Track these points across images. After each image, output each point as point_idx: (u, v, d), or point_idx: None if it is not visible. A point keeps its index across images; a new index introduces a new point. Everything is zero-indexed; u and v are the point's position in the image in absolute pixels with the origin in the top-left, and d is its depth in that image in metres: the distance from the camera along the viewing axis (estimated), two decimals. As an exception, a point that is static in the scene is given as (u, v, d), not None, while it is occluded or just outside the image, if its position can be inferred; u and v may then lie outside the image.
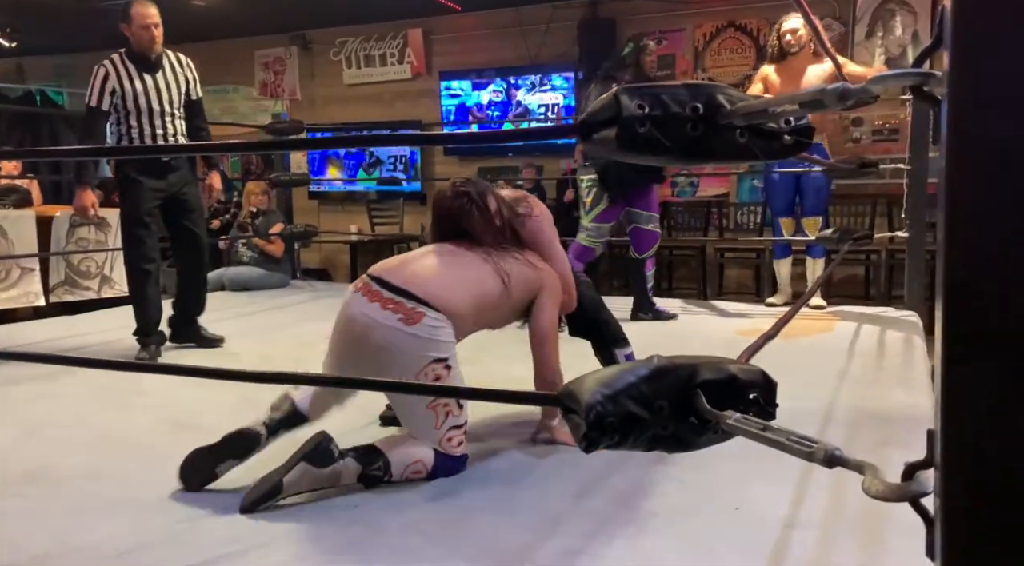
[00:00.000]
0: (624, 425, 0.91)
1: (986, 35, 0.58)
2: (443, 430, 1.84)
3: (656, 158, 0.94)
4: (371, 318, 1.81)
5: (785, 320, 1.73)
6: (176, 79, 3.39)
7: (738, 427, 0.86)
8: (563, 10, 6.64)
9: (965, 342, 0.60)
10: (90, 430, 2.32)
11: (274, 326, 4.04)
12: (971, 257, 0.58)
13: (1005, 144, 0.57)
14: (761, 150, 0.91)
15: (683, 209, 6.60)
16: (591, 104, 0.95)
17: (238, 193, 7.44)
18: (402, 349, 1.79)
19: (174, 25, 7.77)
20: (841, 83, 0.72)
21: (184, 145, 3.54)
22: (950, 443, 0.59)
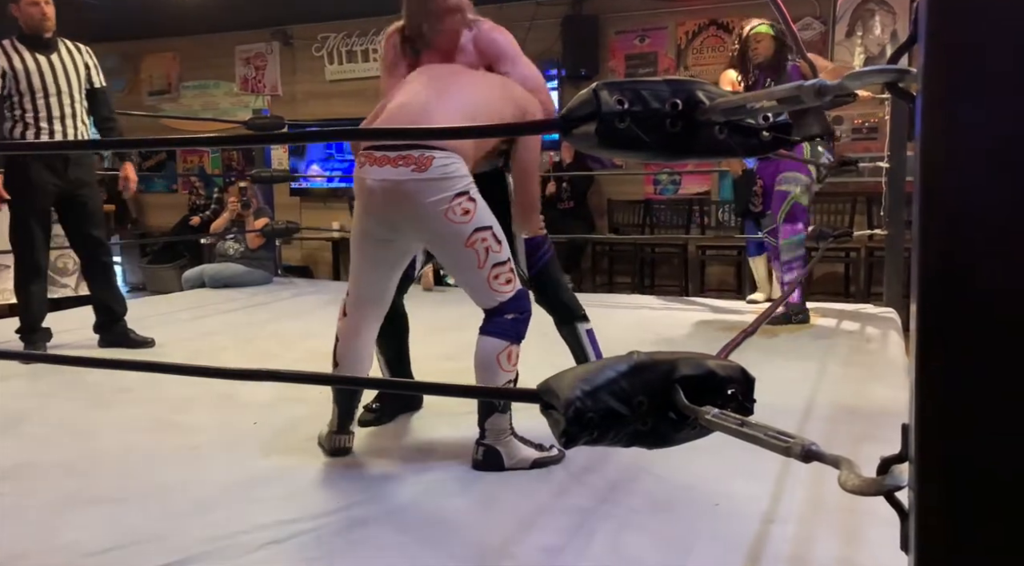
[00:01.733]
0: (603, 421, 0.91)
1: (960, 31, 0.58)
2: (487, 268, 1.87)
3: (636, 154, 0.94)
4: (386, 180, 1.83)
5: (764, 317, 1.74)
6: (74, 62, 3.23)
7: (716, 422, 0.86)
8: (546, 7, 6.64)
9: (938, 337, 0.60)
10: (70, 427, 2.29)
11: (255, 323, 4.01)
12: (944, 253, 0.58)
13: (978, 139, 0.58)
14: (740, 146, 0.92)
15: (665, 207, 6.63)
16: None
17: (219, 189, 7.39)
18: (425, 194, 1.81)
19: (155, 18, 7.72)
20: (818, 79, 0.73)
21: (160, 139, 3.48)
22: (924, 437, 0.60)
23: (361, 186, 1.88)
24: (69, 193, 3.18)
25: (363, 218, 1.92)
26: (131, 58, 8.64)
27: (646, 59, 6.58)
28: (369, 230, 1.93)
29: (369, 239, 1.94)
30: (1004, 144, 0.57)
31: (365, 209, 1.91)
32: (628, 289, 6.25)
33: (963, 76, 0.58)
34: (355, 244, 1.97)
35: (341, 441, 2.02)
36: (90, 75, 3.29)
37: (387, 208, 1.86)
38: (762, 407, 1.01)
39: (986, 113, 0.57)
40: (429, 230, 1.87)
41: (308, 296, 4.85)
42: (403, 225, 1.89)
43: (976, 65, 0.57)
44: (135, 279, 8.02)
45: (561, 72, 6.60)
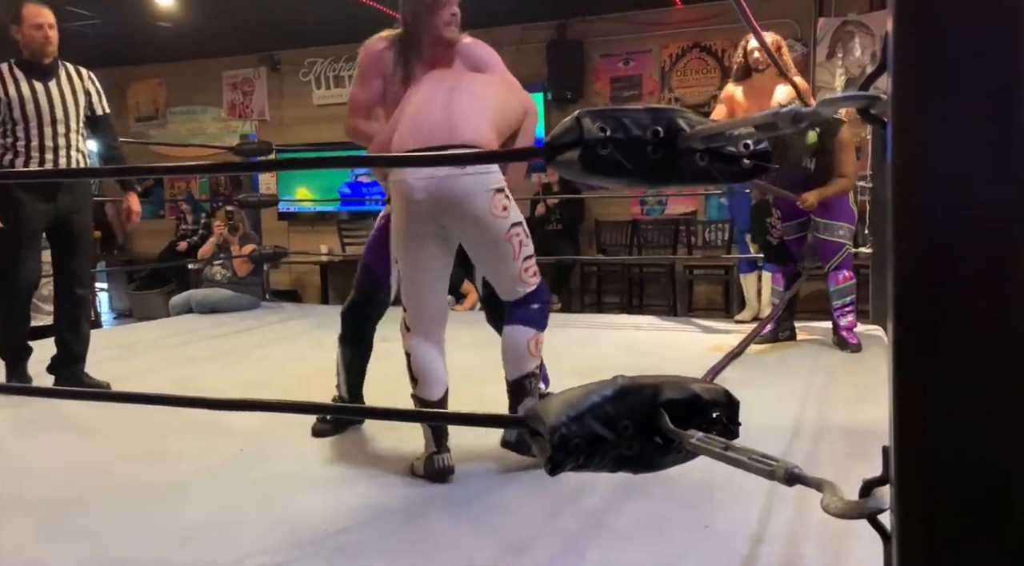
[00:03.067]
0: (589, 446, 0.91)
1: (927, 61, 0.60)
2: (520, 260, 1.99)
3: (618, 180, 0.96)
4: (432, 177, 1.88)
5: (750, 338, 1.75)
6: (74, 90, 3.10)
7: (701, 446, 0.87)
8: (532, 31, 6.72)
9: (914, 360, 0.61)
10: (54, 457, 2.26)
11: (243, 349, 3.99)
12: (918, 276, 0.59)
13: (946, 165, 0.59)
14: (721, 173, 0.93)
15: (652, 227, 6.67)
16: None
17: (206, 215, 7.38)
18: (469, 190, 1.90)
19: (142, 45, 7.74)
20: (794, 106, 0.74)
21: (149, 167, 3.40)
22: (903, 460, 0.61)
23: (403, 188, 1.92)
24: (59, 219, 3.05)
25: (409, 221, 1.96)
26: (118, 84, 8.64)
27: (631, 82, 6.66)
28: (417, 230, 1.97)
29: (419, 240, 1.99)
30: (971, 169, 0.58)
31: (408, 210, 1.94)
32: (617, 309, 6.26)
33: (930, 104, 0.59)
34: (404, 251, 2.02)
35: (442, 461, 1.99)
36: (91, 102, 3.18)
37: (432, 205, 1.91)
38: (749, 427, 1.02)
39: (953, 140, 0.58)
40: (473, 224, 1.94)
41: (296, 321, 4.83)
42: (448, 221, 1.95)
43: (943, 93, 0.58)
44: (121, 305, 7.96)
45: (547, 95, 6.66)
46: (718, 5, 6.05)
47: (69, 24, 6.35)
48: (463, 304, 5.18)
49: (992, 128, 0.57)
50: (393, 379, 2.39)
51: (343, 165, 1.74)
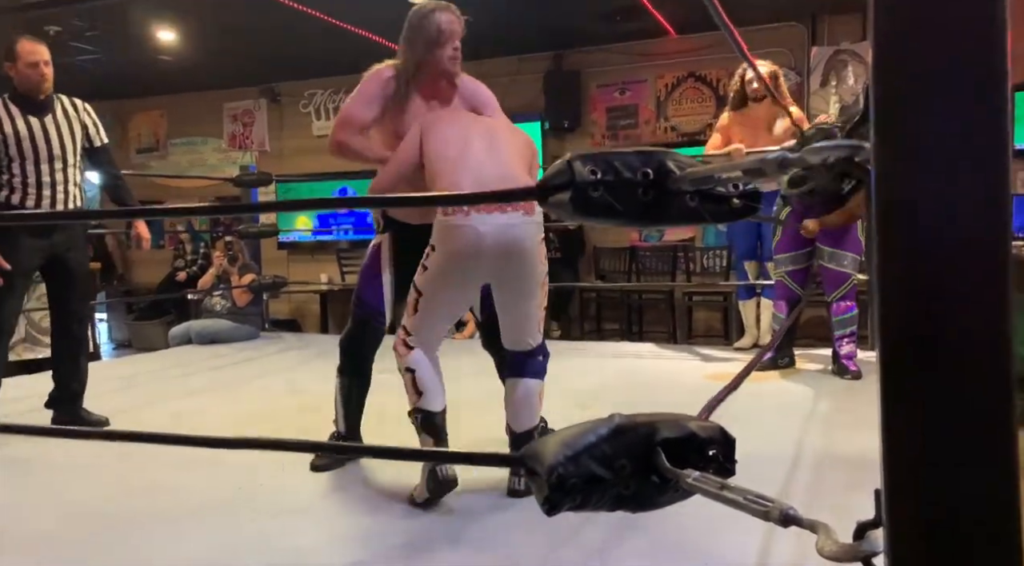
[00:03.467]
0: (586, 486, 0.92)
1: (906, 112, 0.61)
2: (541, 310, 2.11)
3: (610, 220, 0.97)
4: (501, 224, 1.94)
5: (747, 371, 1.75)
6: (70, 124, 3.06)
7: (697, 486, 0.87)
8: (529, 62, 6.81)
9: (902, 404, 0.62)
10: (49, 494, 2.25)
11: (242, 380, 3.99)
12: (905, 320, 0.60)
13: (927, 213, 0.61)
14: (711, 214, 0.95)
15: (650, 254, 6.70)
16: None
17: (205, 245, 7.41)
18: (533, 235, 2.01)
19: (143, 78, 7.83)
20: (780, 153, 0.76)
21: (144, 208, 3.33)
22: (894, 503, 0.61)
23: (465, 233, 1.95)
24: (54, 256, 3.03)
25: (464, 264, 1.99)
26: (120, 116, 8.73)
27: (627, 111, 6.73)
28: (470, 274, 2.02)
29: (464, 281, 2.05)
30: (951, 219, 0.59)
31: (468, 254, 1.97)
32: (617, 336, 6.26)
33: (911, 154, 0.61)
34: (442, 288, 2.05)
35: (444, 471, 1.98)
36: (88, 134, 3.14)
37: (498, 250, 1.96)
38: (748, 456, 1.02)
39: (934, 189, 0.60)
40: (525, 270, 2.02)
41: (295, 351, 4.83)
42: (503, 266, 2.00)
43: (923, 144, 0.60)
44: (120, 336, 7.96)
45: (544, 125, 6.73)
46: (712, 35, 6.13)
47: (71, 59, 6.44)
48: (463, 332, 5.18)
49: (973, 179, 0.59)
50: (393, 412, 2.39)
51: (346, 205, 1.75)
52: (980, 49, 0.60)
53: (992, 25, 0.59)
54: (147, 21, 5.78)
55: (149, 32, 6.00)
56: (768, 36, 5.99)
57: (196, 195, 8.30)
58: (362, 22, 5.78)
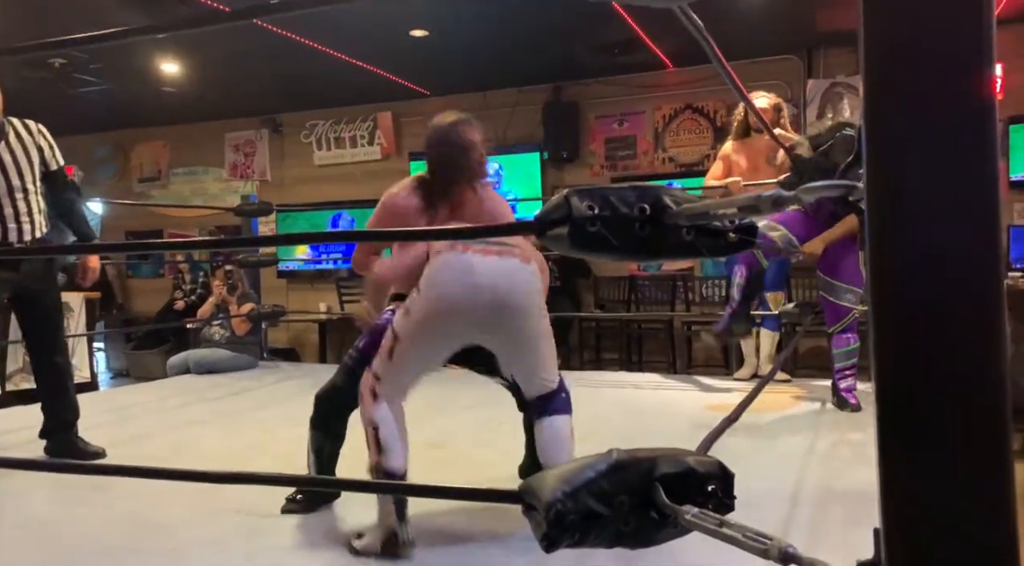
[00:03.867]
0: (585, 522, 0.91)
1: (897, 153, 0.62)
2: (551, 353, 2.09)
3: (607, 255, 0.98)
4: (499, 269, 1.92)
5: (746, 403, 1.75)
6: (25, 149, 2.91)
7: (695, 523, 0.86)
8: (528, 94, 6.89)
9: (900, 438, 0.62)
10: (45, 529, 2.23)
11: (240, 411, 3.96)
12: (900, 363, 0.61)
13: (919, 252, 0.61)
14: (707, 248, 0.95)
15: (649, 283, 6.71)
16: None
17: (204, 274, 7.42)
18: (531, 283, 1.98)
19: (146, 109, 7.92)
20: (776, 191, 0.77)
21: (137, 243, 3.27)
22: (892, 545, 0.61)
23: (459, 267, 1.90)
24: (22, 287, 2.92)
25: (450, 308, 1.91)
26: (122, 146, 8.81)
27: (625, 142, 6.79)
28: (452, 323, 1.94)
29: (444, 333, 1.97)
30: (943, 257, 0.60)
31: (453, 297, 1.90)
32: (616, 365, 6.24)
33: (903, 196, 0.61)
34: (420, 338, 1.95)
35: (406, 533, 1.92)
36: (44, 157, 2.99)
37: (494, 292, 1.90)
38: (747, 491, 1.02)
39: (925, 229, 0.60)
40: (526, 318, 1.97)
41: (294, 381, 4.81)
42: (500, 313, 1.93)
43: (915, 187, 0.61)
44: (118, 365, 7.93)
45: (543, 155, 6.78)
46: (709, 68, 6.21)
47: (75, 90, 6.52)
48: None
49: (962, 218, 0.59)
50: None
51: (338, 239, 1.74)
52: (967, 89, 0.61)
53: (980, 65, 0.61)
54: (151, 53, 5.86)
55: (153, 64, 6.07)
56: (765, 69, 6.07)
57: (197, 224, 8.34)
58: (363, 55, 5.86)
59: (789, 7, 5.10)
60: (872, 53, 0.62)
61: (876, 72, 0.62)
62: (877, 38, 0.61)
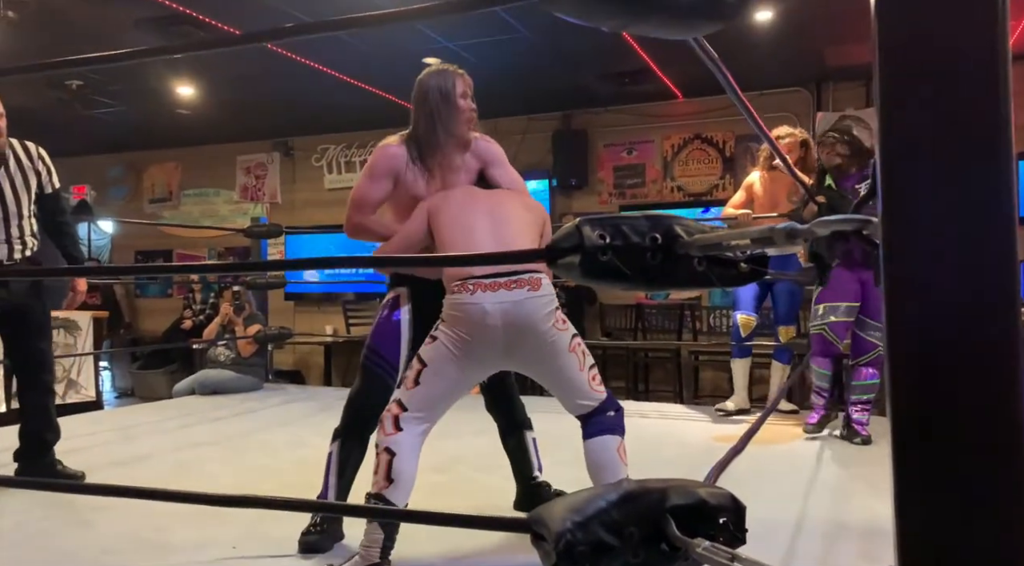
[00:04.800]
0: (595, 553, 0.90)
1: (912, 188, 0.62)
2: (586, 370, 2.02)
3: (618, 284, 0.98)
4: (506, 301, 1.93)
5: (752, 432, 1.73)
6: (24, 176, 2.93)
7: (707, 556, 0.85)
8: (538, 122, 6.95)
9: (919, 480, 0.61)
10: (47, 549, 2.21)
11: (244, 432, 3.95)
12: (915, 405, 0.60)
13: (935, 288, 0.61)
14: (718, 278, 0.95)
15: (656, 311, 6.70)
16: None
17: (214, 295, 7.45)
18: (541, 310, 1.97)
19: (159, 130, 8.02)
20: (789, 224, 0.77)
21: (140, 267, 3.27)
22: (910, 583, 0.60)
23: (472, 311, 1.93)
24: (12, 305, 2.90)
25: (475, 344, 1.95)
26: (135, 167, 8.90)
27: (634, 170, 6.82)
28: (482, 355, 1.97)
29: (476, 364, 1.99)
30: (959, 293, 0.60)
31: (479, 334, 1.94)
32: (623, 394, 6.21)
33: (919, 232, 0.61)
34: (446, 365, 1.97)
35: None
36: (41, 181, 2.99)
37: (506, 328, 1.94)
38: (757, 522, 1.00)
39: (942, 265, 0.60)
40: (541, 343, 1.97)
41: (298, 403, 4.79)
42: (516, 344, 1.96)
43: (931, 222, 0.61)
44: (124, 384, 7.94)
45: (552, 182, 6.82)
46: (719, 99, 6.26)
47: (91, 112, 6.61)
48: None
49: (979, 254, 0.59)
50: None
51: (348, 265, 1.75)
52: (984, 123, 0.61)
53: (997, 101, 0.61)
54: (166, 76, 5.95)
55: (168, 86, 6.16)
56: (774, 101, 6.11)
57: (207, 245, 8.40)
58: (374, 80, 5.94)
59: (797, 41, 5.16)
60: (887, 85, 0.62)
61: (891, 107, 0.62)
62: (892, 68, 0.62)
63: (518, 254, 1.83)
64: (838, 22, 4.76)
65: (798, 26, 4.85)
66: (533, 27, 4.83)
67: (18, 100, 6.45)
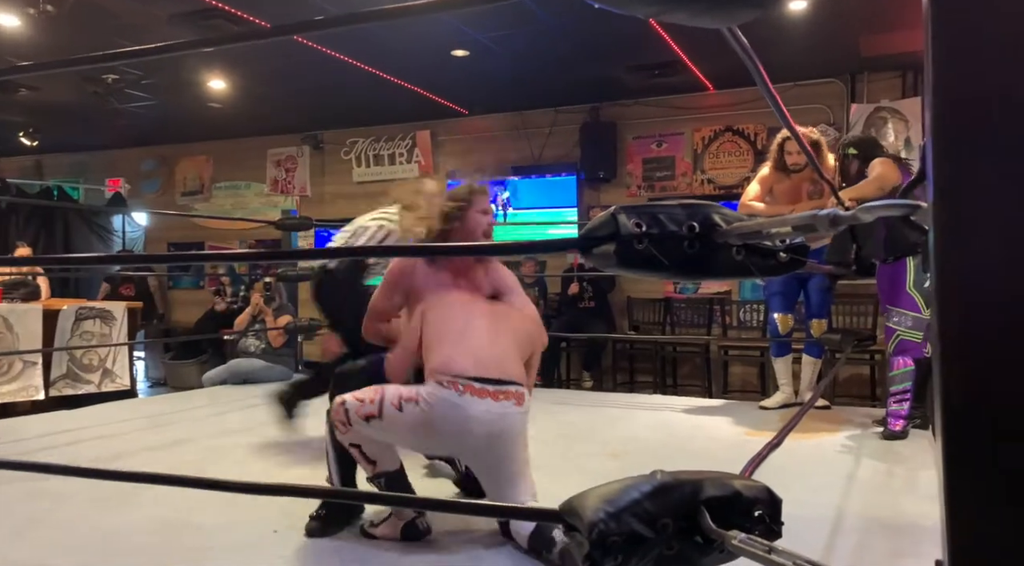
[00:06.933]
0: (628, 544, 0.89)
1: (966, 172, 0.60)
2: (527, 490, 2.07)
3: (654, 273, 0.96)
4: (491, 412, 1.98)
5: (789, 427, 1.71)
6: None
7: (743, 548, 0.84)
8: (566, 114, 6.91)
9: (970, 470, 0.59)
10: (83, 530, 2.26)
11: (273, 421, 3.99)
12: (968, 387, 0.58)
13: (987, 274, 0.59)
14: (757, 267, 0.94)
15: (686, 306, 6.64)
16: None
17: (245, 287, 7.54)
18: (521, 425, 2.06)
19: (192, 124, 8.13)
20: (832, 210, 0.75)
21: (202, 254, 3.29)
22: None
23: (453, 413, 1.97)
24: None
25: (440, 437, 2.01)
26: (167, 161, 9.03)
27: (663, 163, 6.76)
28: (438, 446, 2.07)
29: (427, 446, 2.13)
30: (1010, 280, 0.58)
31: (447, 432, 1.99)
32: (650, 388, 6.18)
33: (972, 216, 0.59)
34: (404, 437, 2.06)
35: (424, 523, 2.09)
36: None
37: (483, 438, 1.98)
38: (790, 517, 0.99)
39: (996, 249, 0.58)
40: (507, 456, 2.03)
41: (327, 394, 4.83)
42: (484, 449, 2.01)
43: (984, 206, 0.59)
44: (157, 374, 8.08)
45: (580, 175, 6.79)
46: (750, 90, 6.18)
47: (126, 106, 6.71)
48: None
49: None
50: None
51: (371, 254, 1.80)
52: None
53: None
54: (198, 70, 6.02)
55: (200, 80, 6.23)
56: (807, 92, 6.02)
57: (237, 237, 8.50)
58: (404, 73, 5.95)
59: (832, 31, 5.06)
60: (942, 69, 0.60)
61: (946, 90, 0.60)
62: (945, 46, 0.60)
63: (551, 244, 1.82)
64: (875, 10, 4.66)
65: (833, 15, 4.75)
66: (562, 18, 4.80)
67: (56, 94, 6.59)
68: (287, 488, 1.81)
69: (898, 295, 3.36)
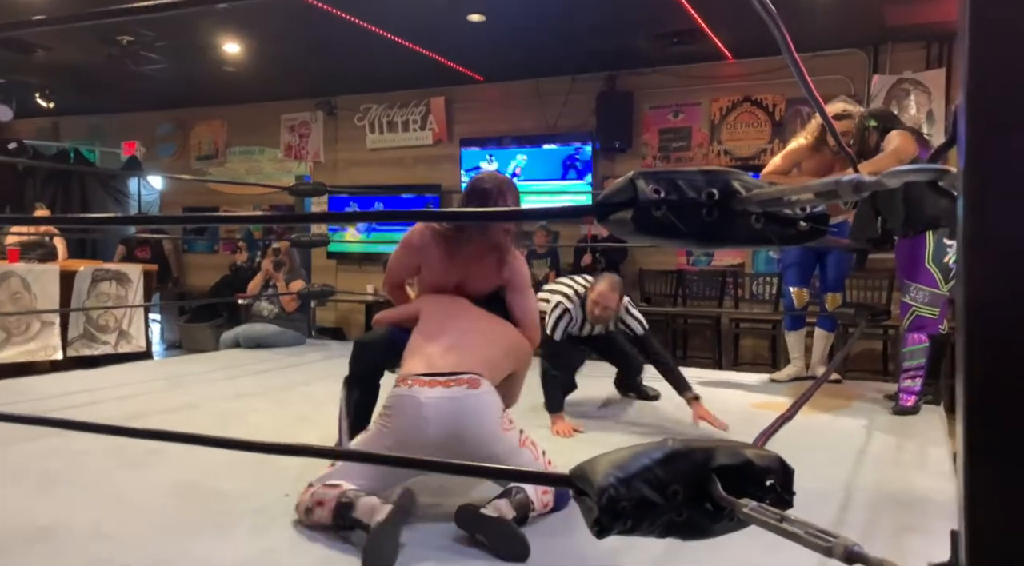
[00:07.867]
0: (637, 510, 0.89)
1: (999, 136, 0.59)
2: (542, 459, 2.08)
3: (672, 241, 0.95)
4: (445, 397, 1.97)
5: (803, 400, 1.70)
6: None
7: (754, 516, 0.84)
8: (582, 83, 6.82)
9: (991, 440, 0.59)
10: (102, 489, 2.30)
11: (288, 385, 4.04)
12: (993, 361, 0.57)
13: (1019, 240, 0.58)
14: (777, 236, 0.92)
15: (698, 278, 6.61)
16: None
17: (261, 253, 7.58)
18: (481, 408, 2.01)
19: (206, 88, 8.09)
20: (856, 176, 0.73)
21: (212, 215, 3.33)
22: (975, 548, 0.58)
23: (407, 404, 1.97)
24: None
25: (400, 435, 1.97)
26: (183, 125, 9.02)
27: (680, 133, 6.69)
28: (403, 448, 1.96)
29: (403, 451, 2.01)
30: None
31: (405, 426, 1.97)
32: (660, 360, 6.17)
33: (1003, 180, 0.58)
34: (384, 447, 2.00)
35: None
36: None
37: (438, 422, 1.96)
38: (800, 491, 0.98)
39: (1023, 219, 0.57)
40: (477, 444, 1.97)
41: (339, 359, 4.85)
42: (454, 440, 1.96)
43: (1016, 170, 0.57)
44: (172, 337, 8.17)
45: (595, 145, 6.72)
46: (769, 60, 6.07)
47: (140, 68, 6.68)
48: None
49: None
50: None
51: (388, 219, 1.84)
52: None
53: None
54: (213, 32, 5.97)
55: (215, 43, 6.19)
56: (828, 62, 5.91)
57: (251, 202, 8.51)
58: (419, 39, 5.88)
59: (856, 0, 4.94)
60: (978, 34, 0.58)
61: (981, 54, 0.59)
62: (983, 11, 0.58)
63: (567, 210, 1.81)
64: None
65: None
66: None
67: (72, 56, 6.57)
68: (301, 448, 1.82)
69: (916, 269, 3.31)
